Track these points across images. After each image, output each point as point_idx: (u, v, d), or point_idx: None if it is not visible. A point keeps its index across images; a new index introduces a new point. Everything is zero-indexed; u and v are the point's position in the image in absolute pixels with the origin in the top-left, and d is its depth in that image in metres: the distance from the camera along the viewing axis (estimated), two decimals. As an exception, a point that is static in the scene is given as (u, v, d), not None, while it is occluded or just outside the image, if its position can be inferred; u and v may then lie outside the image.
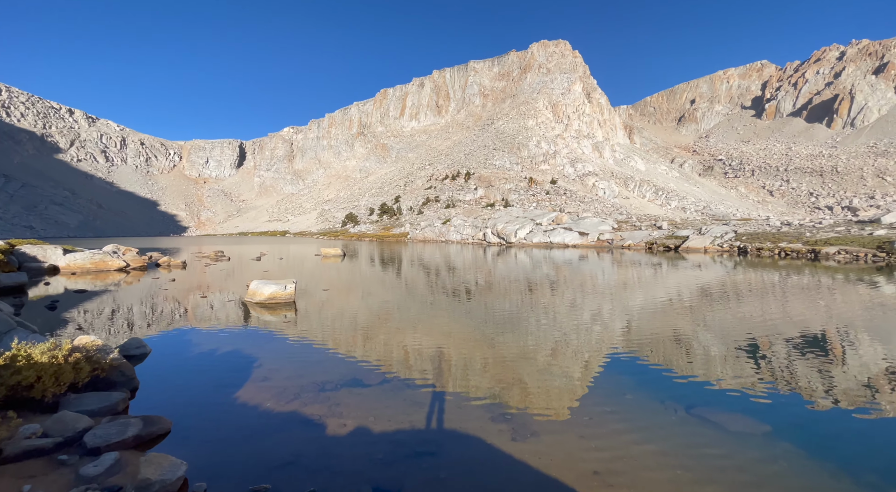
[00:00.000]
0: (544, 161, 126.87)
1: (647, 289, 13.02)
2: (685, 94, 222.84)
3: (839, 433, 3.63)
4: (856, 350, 6.21)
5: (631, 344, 6.52)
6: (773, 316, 8.60)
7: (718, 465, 3.08)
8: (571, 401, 4.27)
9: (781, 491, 2.76)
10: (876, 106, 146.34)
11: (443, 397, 4.34)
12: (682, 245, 34.19)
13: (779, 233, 32.91)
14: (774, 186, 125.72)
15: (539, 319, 8.32)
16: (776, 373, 5.16)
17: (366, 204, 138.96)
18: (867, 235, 26.45)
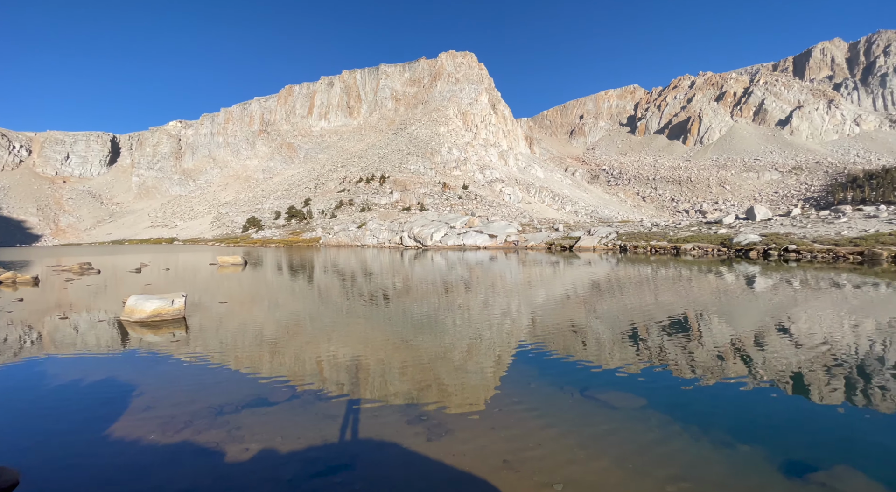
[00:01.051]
0: (456, 167, 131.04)
1: (547, 285, 14.22)
2: (575, 111, 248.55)
3: (697, 399, 4.37)
4: (709, 329, 7.54)
5: (535, 336, 7.06)
6: (648, 304, 10.04)
7: (607, 438, 3.48)
8: (485, 395, 4.47)
9: (656, 455, 3.22)
10: (717, 127, 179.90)
11: (358, 406, 4.22)
12: (575, 245, 38.04)
13: (650, 233, 38.48)
14: (646, 192, 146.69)
15: (455, 319, 8.55)
16: (651, 353, 6.02)
17: (271, 207, 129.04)
18: (713, 234, 32.29)
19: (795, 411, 4.03)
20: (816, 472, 2.92)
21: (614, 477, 2.89)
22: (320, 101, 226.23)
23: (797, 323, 7.83)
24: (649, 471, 2.97)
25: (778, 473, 2.93)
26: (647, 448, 3.29)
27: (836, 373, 5.01)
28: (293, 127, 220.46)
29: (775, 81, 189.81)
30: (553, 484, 2.82)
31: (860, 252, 20.89)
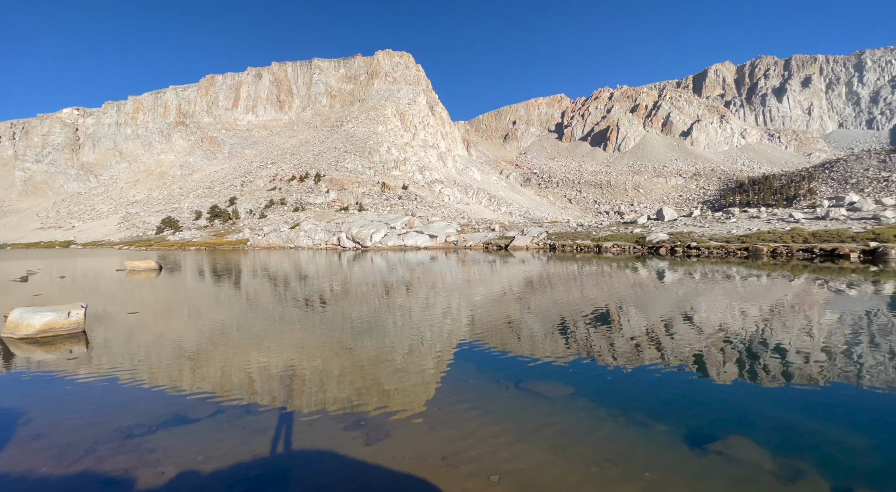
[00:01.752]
0: (395, 167, 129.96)
1: (486, 284, 14.65)
2: (509, 116, 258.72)
3: (618, 384, 4.77)
4: (627, 319, 8.27)
5: (475, 334, 7.24)
6: (575, 298, 10.76)
7: (540, 427, 3.67)
8: (426, 395, 4.49)
9: (583, 439, 3.47)
10: (632, 136, 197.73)
11: (292, 416, 4.02)
12: (510, 244, 39.64)
13: (576, 232, 41.29)
14: (572, 195, 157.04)
15: (396, 321, 8.48)
16: (579, 344, 6.47)
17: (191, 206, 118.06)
18: (629, 233, 35.49)
19: (698, 390, 4.58)
20: (714, 442, 3.33)
21: (547, 463, 3.07)
22: (247, 93, 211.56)
23: (699, 311, 8.89)
24: (577, 455, 3.19)
25: (685, 446, 3.31)
26: (575, 433, 3.53)
27: (729, 354, 5.76)
28: (216, 120, 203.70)
29: (679, 97, 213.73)
30: (490, 476, 2.92)
31: (746, 248, 24.24)
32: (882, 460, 3.09)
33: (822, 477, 2.82)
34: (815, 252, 21.22)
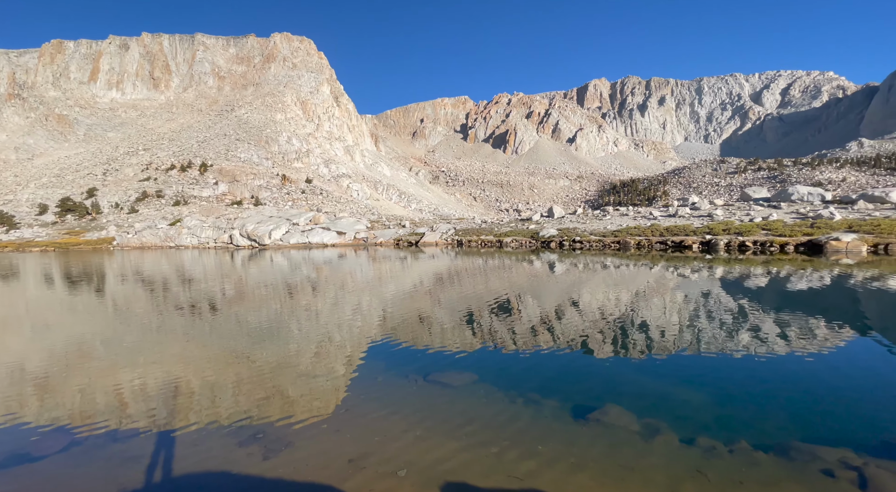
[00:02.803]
0: (297, 159, 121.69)
1: (397, 280, 14.64)
2: (416, 114, 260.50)
3: (516, 367, 5.19)
4: (525, 307, 9.01)
5: (386, 330, 7.20)
6: (480, 290, 11.37)
7: (446, 416, 3.83)
8: (334, 398, 4.35)
9: (484, 421, 3.71)
10: (528, 141, 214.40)
11: (174, 439, 3.56)
12: (420, 240, 40.15)
13: (480, 228, 43.51)
14: (476, 193, 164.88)
15: (301, 323, 8.00)
16: (483, 332, 6.86)
17: (31, 199, 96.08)
18: (526, 229, 38.57)
19: (582, 366, 5.20)
20: (594, 412, 3.84)
21: (452, 451, 3.21)
22: (109, 65, 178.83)
23: (582, 297, 10.07)
24: (480, 439, 3.40)
25: (571, 418, 3.75)
26: (477, 419, 3.76)
27: (606, 332, 6.65)
28: (66, 94, 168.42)
29: (565, 107, 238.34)
30: (398, 471, 2.96)
31: (618, 241, 28.12)
32: (717, 412, 3.88)
33: (673, 431, 3.44)
34: (668, 244, 25.56)
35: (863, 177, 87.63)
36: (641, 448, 3.19)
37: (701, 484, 2.72)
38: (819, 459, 2.96)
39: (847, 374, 4.75)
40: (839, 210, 28.45)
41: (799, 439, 3.25)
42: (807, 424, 3.54)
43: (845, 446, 3.10)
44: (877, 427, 3.44)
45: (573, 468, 2.94)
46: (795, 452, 3.06)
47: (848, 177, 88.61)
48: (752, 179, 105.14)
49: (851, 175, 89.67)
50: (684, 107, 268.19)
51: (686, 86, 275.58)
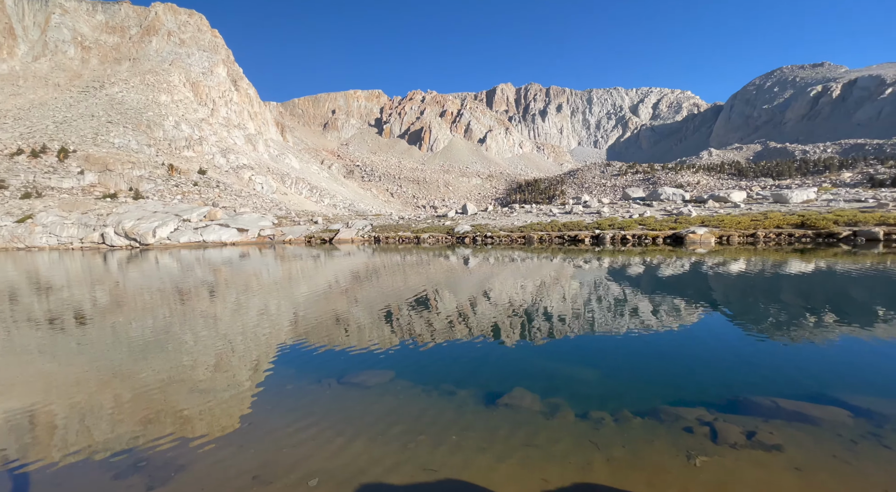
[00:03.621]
0: (188, 147, 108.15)
1: (309, 279, 13.91)
2: (327, 104, 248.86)
3: (432, 360, 5.33)
4: (442, 300, 9.24)
5: (297, 333, 6.82)
6: (399, 286, 11.37)
7: (360, 417, 3.80)
8: (237, 411, 4.01)
9: (399, 417, 3.76)
10: (442, 139, 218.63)
11: (26, 479, 2.98)
12: (334, 237, 38.63)
13: (398, 225, 43.38)
14: (393, 189, 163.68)
15: (197, 332, 7.17)
16: (402, 328, 6.89)
17: None
18: (442, 225, 39.47)
19: (493, 355, 5.53)
20: (503, 396, 4.12)
21: (366, 452, 3.20)
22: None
23: (494, 288, 10.67)
24: (395, 435, 3.44)
25: (483, 405, 3.97)
26: (393, 416, 3.79)
27: (514, 320, 7.15)
28: None
29: (476, 108, 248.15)
30: (308, 481, 2.85)
31: (523, 236, 30.28)
32: (605, 386, 4.42)
33: (570, 407, 3.85)
34: (565, 238, 28.28)
35: (711, 180, 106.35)
36: (543, 426, 3.52)
37: (591, 452, 3.11)
38: (682, 418, 3.56)
39: (703, 343, 5.78)
40: (695, 208, 34.15)
41: (667, 403, 3.88)
42: (673, 389, 4.23)
43: (701, 406, 3.79)
44: (725, 387, 4.26)
45: (481, 451, 3.14)
46: (664, 414, 3.65)
47: (701, 180, 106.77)
48: (631, 181, 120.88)
49: (703, 179, 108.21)
50: (578, 115, 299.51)
51: (579, 95, 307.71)
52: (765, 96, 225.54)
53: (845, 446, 3.05)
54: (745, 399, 3.90)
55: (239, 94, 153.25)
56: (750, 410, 3.69)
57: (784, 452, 3.01)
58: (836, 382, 4.26)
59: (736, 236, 23.18)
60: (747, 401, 3.87)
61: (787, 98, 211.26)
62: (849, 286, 9.86)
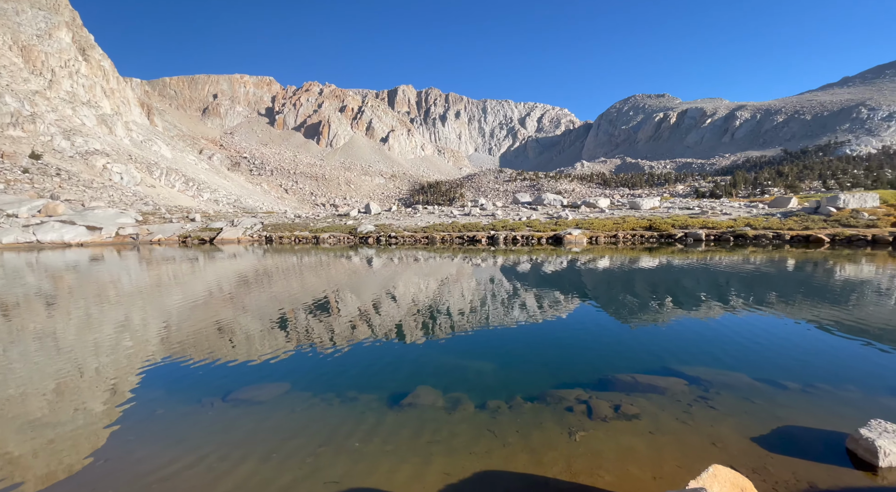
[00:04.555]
0: (15, 125, 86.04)
1: (185, 285, 12.16)
2: (208, 87, 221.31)
3: (334, 367, 5.11)
4: (344, 303, 8.91)
5: (171, 349, 5.91)
6: (295, 290, 10.63)
7: (250, 437, 3.47)
8: (87, 447, 3.33)
9: (296, 431, 3.54)
10: (343, 135, 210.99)
11: None
12: (217, 237, 34.48)
13: (293, 223, 40.57)
14: (288, 185, 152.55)
15: (29, 354, 5.72)
16: (299, 335, 6.46)
17: None
18: (344, 225, 38.10)
19: (398, 355, 5.53)
20: (407, 396, 4.15)
21: (258, 476, 2.93)
22: None
23: (398, 287, 10.67)
24: (291, 451, 3.23)
25: (387, 408, 3.95)
26: (288, 430, 3.54)
27: (418, 319, 7.25)
28: None
29: (378, 107, 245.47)
30: (192, 513, 2.52)
31: (427, 236, 30.94)
32: (501, 376, 4.74)
33: (470, 400, 4.05)
34: (465, 238, 29.70)
35: (584, 188, 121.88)
36: (446, 421, 3.64)
37: (490, 440, 3.32)
38: (564, 399, 4.01)
39: (579, 330, 6.58)
40: (571, 212, 38.71)
41: (553, 386, 4.32)
42: (557, 374, 4.74)
43: (579, 387, 4.31)
44: (597, 368, 4.90)
45: (384, 455, 3.12)
46: (550, 397, 4.07)
47: (576, 188, 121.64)
48: (520, 187, 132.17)
49: (578, 187, 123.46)
50: (474, 122, 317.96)
51: (475, 104, 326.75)
52: (623, 118, 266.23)
53: (683, 410, 3.77)
54: (613, 377, 4.56)
55: (89, 66, 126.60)
56: (616, 386, 4.33)
57: (641, 420, 3.60)
58: (676, 356, 5.23)
59: (602, 237, 26.91)
60: (614, 379, 4.52)
61: (639, 121, 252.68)
62: (682, 277, 12.19)
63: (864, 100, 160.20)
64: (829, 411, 3.70)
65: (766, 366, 4.83)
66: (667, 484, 2.69)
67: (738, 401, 3.92)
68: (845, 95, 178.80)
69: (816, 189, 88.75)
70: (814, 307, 7.80)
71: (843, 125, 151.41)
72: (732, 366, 4.83)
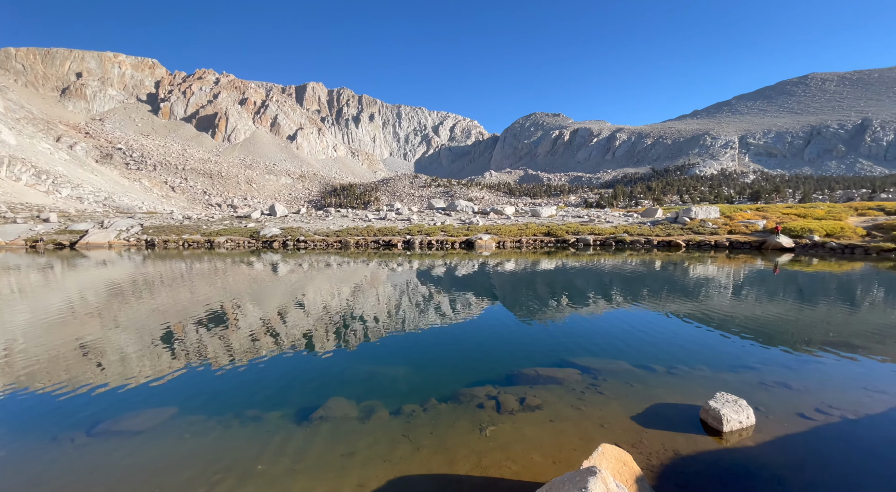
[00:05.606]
0: None
1: (35, 300, 9.95)
2: (69, 64, 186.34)
3: (232, 384, 4.65)
4: (245, 314, 8.12)
5: (14, 377, 4.78)
6: (184, 301, 9.40)
7: (124, 473, 3.01)
8: None
9: (185, 461, 3.15)
10: (243, 129, 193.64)
11: None
12: (80, 241, 28.95)
13: (182, 226, 35.93)
14: (176, 182, 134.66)
15: None
16: (189, 352, 5.72)
17: None
18: (244, 227, 34.86)
19: (307, 367, 5.23)
20: (318, 409, 3.95)
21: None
22: None
23: (308, 295, 10.08)
24: (180, 484, 2.86)
25: (294, 424, 3.71)
26: (174, 460, 3.14)
27: (330, 327, 6.94)
28: None
29: (284, 102, 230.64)
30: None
31: (340, 240, 29.85)
32: (415, 380, 4.76)
33: (385, 407, 4.00)
34: (381, 242, 29.35)
35: (492, 196, 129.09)
36: (360, 431, 3.55)
37: (405, 446, 3.32)
38: (476, 397, 4.19)
39: (489, 329, 6.93)
40: (481, 218, 40.71)
41: (465, 385, 4.48)
42: (469, 372, 4.92)
43: (489, 383, 4.53)
44: (505, 364, 5.20)
45: (295, 475, 2.94)
46: (463, 396, 4.21)
47: (486, 196, 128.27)
48: (434, 193, 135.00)
49: (487, 195, 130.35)
50: (388, 127, 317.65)
51: (390, 109, 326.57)
52: (526, 133, 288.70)
53: (577, 397, 4.20)
54: (519, 372, 4.89)
55: None
56: (522, 380, 4.65)
57: (543, 409, 3.92)
58: (571, 349, 5.81)
59: (509, 242, 28.78)
60: (520, 373, 4.86)
61: (539, 137, 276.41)
62: (575, 278, 13.60)
63: (708, 130, 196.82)
64: (687, 388, 4.44)
65: (641, 353, 5.62)
66: (565, 467, 2.98)
67: (621, 385, 4.49)
68: (695, 125, 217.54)
69: (675, 202, 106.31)
70: (675, 301, 9.30)
71: (694, 150, 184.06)
72: (616, 355, 5.52)
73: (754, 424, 3.55)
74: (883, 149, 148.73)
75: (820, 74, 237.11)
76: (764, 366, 5.08)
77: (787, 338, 6.31)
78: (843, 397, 4.13)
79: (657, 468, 2.99)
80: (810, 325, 7.10)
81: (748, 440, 3.35)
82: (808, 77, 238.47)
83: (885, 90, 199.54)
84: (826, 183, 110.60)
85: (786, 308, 8.42)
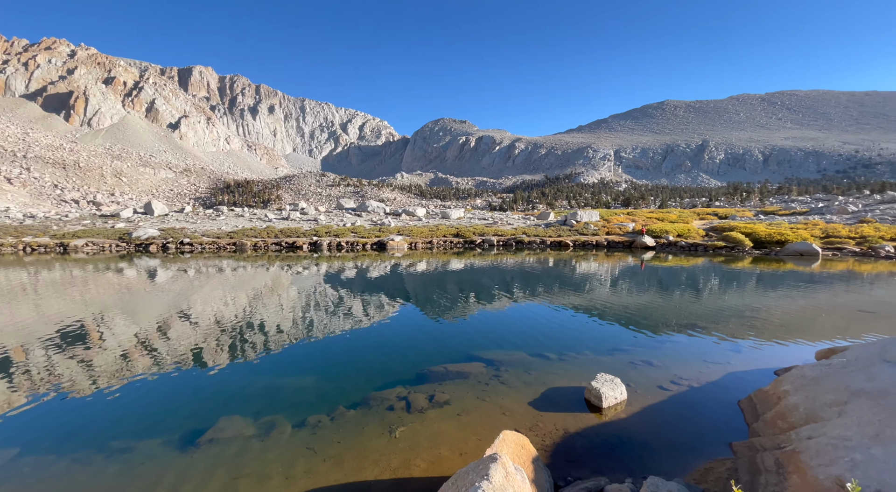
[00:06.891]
0: None
1: None
2: None
3: (94, 412, 3.94)
4: (111, 331, 6.89)
5: None
6: (26, 320, 7.63)
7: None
8: None
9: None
10: (109, 113, 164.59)
11: None
12: None
13: (22, 226, 29.19)
14: (14, 173, 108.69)
15: None
16: (32, 381, 4.68)
17: None
18: (111, 228, 29.59)
19: (190, 386, 4.65)
20: (206, 432, 3.55)
21: None
22: None
23: (194, 306, 8.95)
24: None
25: (177, 450, 3.28)
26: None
27: (223, 341, 6.26)
28: None
29: (164, 85, 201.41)
30: None
31: (234, 243, 27.06)
32: (322, 389, 4.54)
33: (287, 421, 3.76)
34: (283, 245, 27.32)
35: (404, 198, 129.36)
36: (257, 450, 3.29)
37: (309, 459, 3.16)
38: (386, 399, 4.16)
39: (401, 330, 6.93)
40: (393, 219, 40.54)
41: (375, 389, 4.43)
42: (380, 375, 4.87)
43: (400, 384, 4.54)
44: (416, 365, 5.26)
45: (183, 506, 2.61)
46: (373, 400, 4.16)
47: (397, 197, 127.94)
48: (344, 193, 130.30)
49: (399, 196, 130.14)
50: (291, 121, 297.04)
51: (293, 102, 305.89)
52: (435, 137, 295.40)
53: (482, 389, 4.44)
54: (428, 370, 5.00)
55: None
56: (431, 378, 4.76)
57: (451, 405, 4.07)
58: (478, 344, 6.12)
59: (420, 243, 29.13)
60: (430, 371, 4.96)
61: (447, 142, 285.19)
62: (481, 276, 14.34)
63: (591, 143, 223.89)
64: (574, 371, 4.99)
65: (537, 342, 6.16)
66: (471, 458, 3.13)
67: (520, 374, 4.87)
68: (580, 139, 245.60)
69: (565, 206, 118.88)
70: (564, 295, 10.37)
71: (579, 160, 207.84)
72: (516, 346, 5.96)
73: (626, 398, 4.14)
74: (717, 165, 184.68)
75: (673, 101, 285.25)
76: (633, 348, 5.95)
77: (651, 322, 7.47)
78: (690, 369, 5.04)
79: (550, 447, 3.32)
80: (667, 310, 8.50)
81: (622, 413, 3.89)
82: (665, 103, 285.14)
83: (717, 118, 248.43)
84: (678, 192, 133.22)
85: (649, 298, 9.96)
